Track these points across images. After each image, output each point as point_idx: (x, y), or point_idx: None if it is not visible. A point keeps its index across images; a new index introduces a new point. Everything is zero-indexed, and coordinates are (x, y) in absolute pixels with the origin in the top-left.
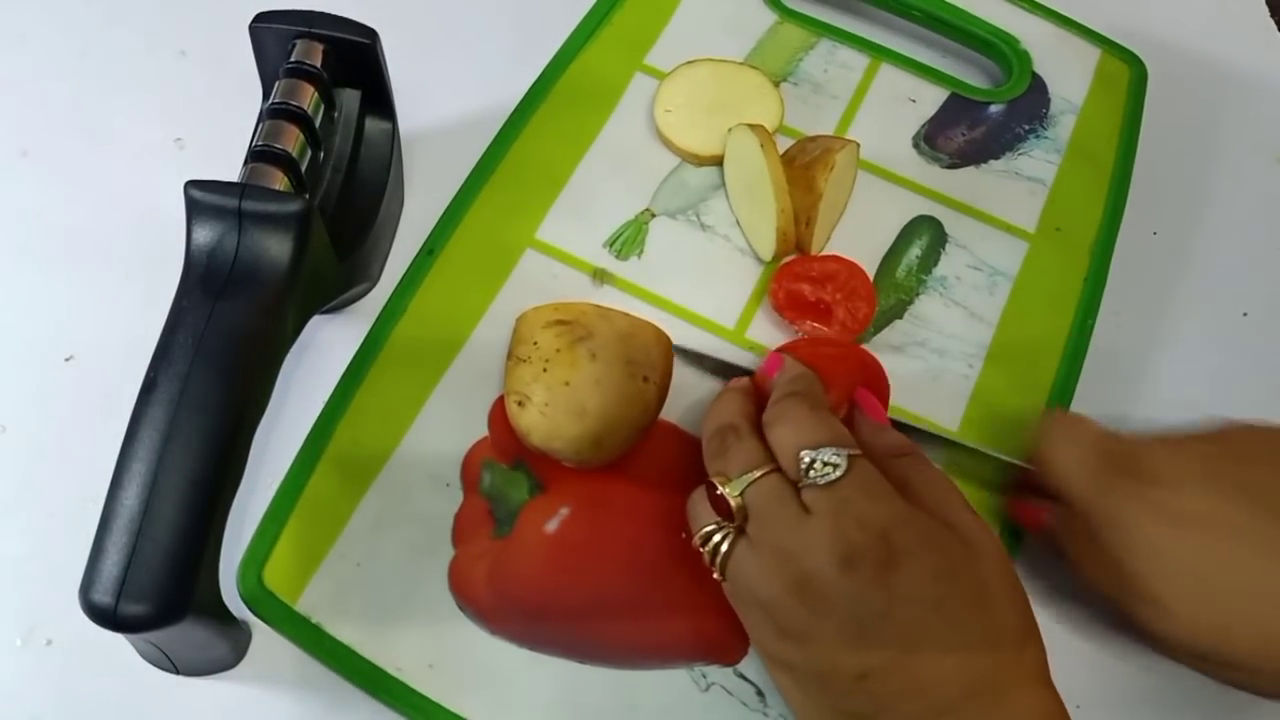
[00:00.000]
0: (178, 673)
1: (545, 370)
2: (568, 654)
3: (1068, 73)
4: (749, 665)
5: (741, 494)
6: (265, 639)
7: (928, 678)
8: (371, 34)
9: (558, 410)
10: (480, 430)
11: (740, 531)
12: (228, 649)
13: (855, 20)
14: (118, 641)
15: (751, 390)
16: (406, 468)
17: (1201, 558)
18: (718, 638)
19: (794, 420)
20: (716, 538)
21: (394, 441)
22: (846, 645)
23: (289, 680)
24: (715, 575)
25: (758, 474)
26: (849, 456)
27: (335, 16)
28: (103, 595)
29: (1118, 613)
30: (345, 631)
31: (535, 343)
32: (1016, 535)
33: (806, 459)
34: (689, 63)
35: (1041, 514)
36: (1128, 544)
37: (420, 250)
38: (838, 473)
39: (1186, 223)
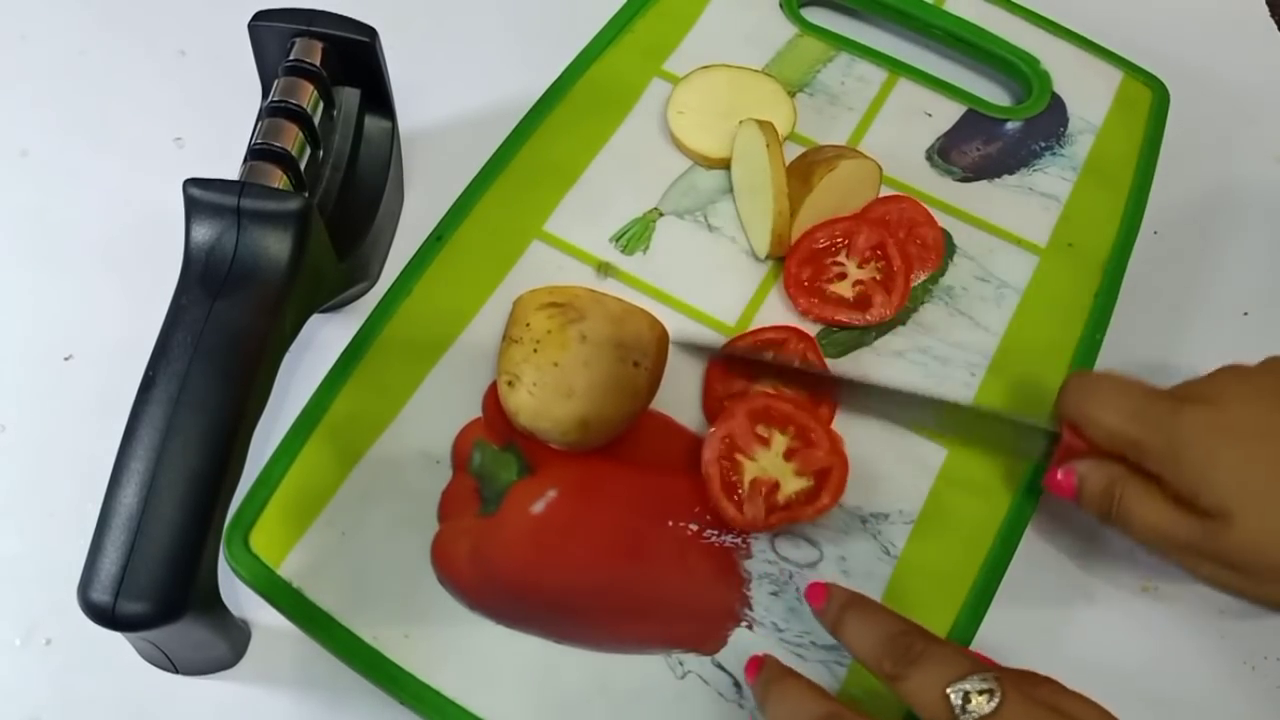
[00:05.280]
0: (177, 672)
1: (536, 351)
2: (545, 633)
3: (1088, 94)
4: (727, 656)
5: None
6: (265, 638)
7: None
8: (371, 32)
9: (545, 390)
10: (474, 411)
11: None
12: (227, 648)
13: (876, 34)
14: (117, 641)
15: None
16: (399, 442)
17: (1262, 467)
18: (696, 627)
19: (927, 659)
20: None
21: (389, 416)
22: None
23: (288, 680)
24: None
25: None
26: (995, 679)
27: (335, 15)
28: (101, 594)
29: (1181, 551)
30: (325, 598)
31: (528, 324)
32: None
33: (958, 695)
34: (704, 67)
35: (1071, 476)
36: (1186, 464)
37: (429, 236)
38: (995, 699)
39: (1185, 222)
